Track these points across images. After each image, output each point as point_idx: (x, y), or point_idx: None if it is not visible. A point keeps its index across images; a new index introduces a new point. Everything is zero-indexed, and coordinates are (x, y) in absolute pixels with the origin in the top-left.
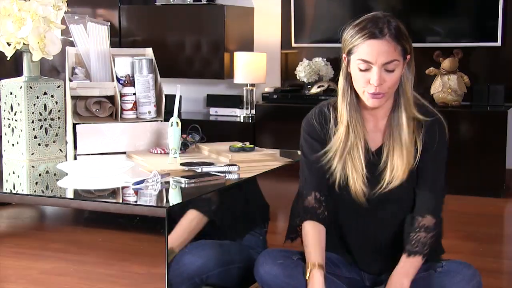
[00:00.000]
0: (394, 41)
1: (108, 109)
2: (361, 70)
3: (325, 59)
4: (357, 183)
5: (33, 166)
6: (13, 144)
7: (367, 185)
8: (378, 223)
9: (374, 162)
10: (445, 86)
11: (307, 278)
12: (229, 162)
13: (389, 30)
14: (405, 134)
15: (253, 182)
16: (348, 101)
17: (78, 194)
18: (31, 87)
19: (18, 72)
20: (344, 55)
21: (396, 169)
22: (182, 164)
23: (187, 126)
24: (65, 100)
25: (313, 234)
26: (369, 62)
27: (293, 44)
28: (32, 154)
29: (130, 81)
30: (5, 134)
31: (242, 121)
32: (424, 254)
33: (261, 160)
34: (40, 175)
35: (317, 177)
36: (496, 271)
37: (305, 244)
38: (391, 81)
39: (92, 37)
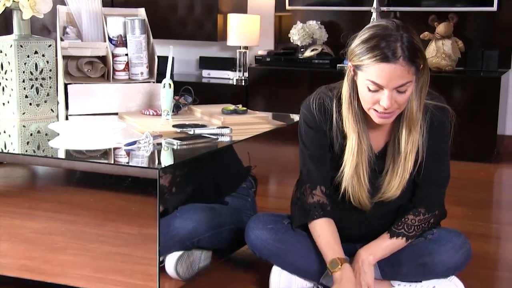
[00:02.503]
0: (408, 63)
1: (100, 69)
2: (370, 91)
3: (319, 22)
4: (361, 196)
5: (24, 126)
6: (4, 104)
7: (369, 197)
8: (376, 216)
9: (376, 169)
10: (439, 51)
11: (333, 271)
12: (221, 124)
13: (402, 51)
14: (404, 143)
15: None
16: (355, 113)
17: (69, 154)
18: (21, 46)
19: (8, 31)
20: (350, 64)
21: (393, 187)
22: (174, 126)
23: (179, 88)
24: (56, 59)
25: (330, 231)
26: (380, 85)
27: (287, 7)
28: (23, 113)
29: (122, 42)
30: None
31: (235, 83)
32: (409, 237)
33: (253, 123)
34: (31, 134)
35: (322, 170)
36: (485, 235)
37: (323, 240)
38: (402, 101)
39: None
